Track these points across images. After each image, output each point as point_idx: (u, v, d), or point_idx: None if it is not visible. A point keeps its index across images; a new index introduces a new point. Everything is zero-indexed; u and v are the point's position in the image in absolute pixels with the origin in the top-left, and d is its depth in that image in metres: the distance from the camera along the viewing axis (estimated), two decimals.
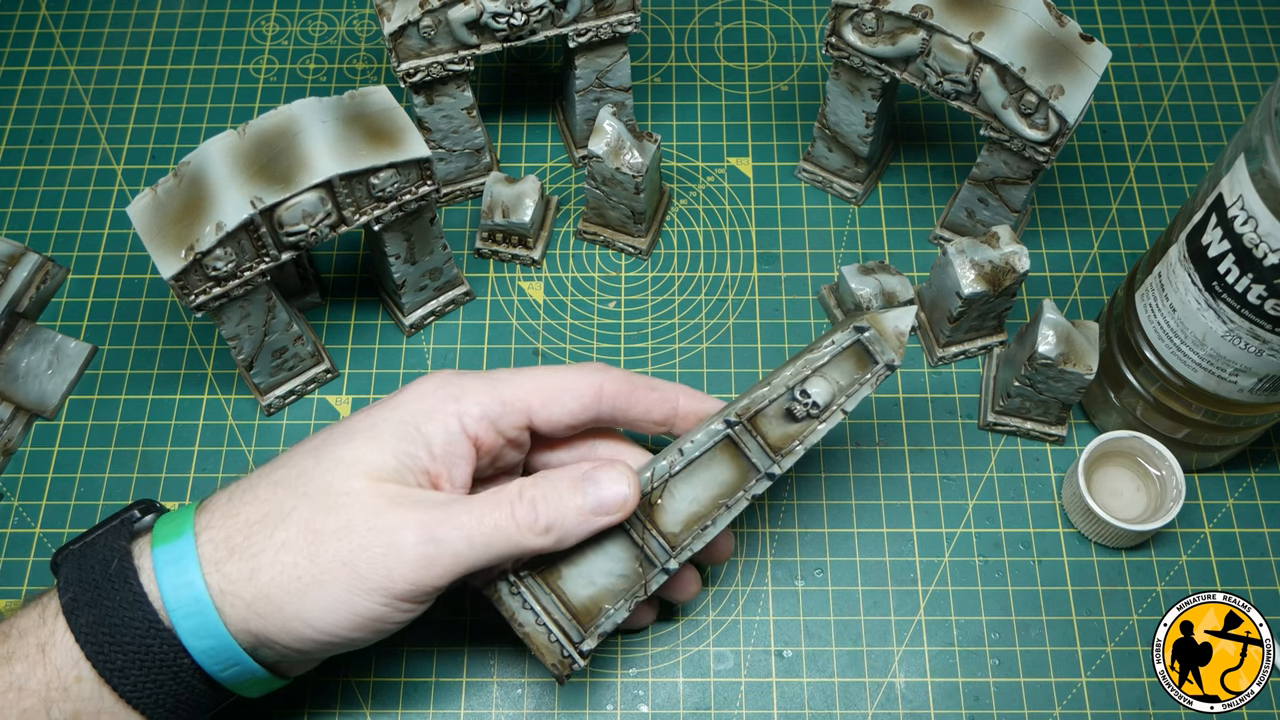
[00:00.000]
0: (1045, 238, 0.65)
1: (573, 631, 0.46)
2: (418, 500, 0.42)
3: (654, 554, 0.45)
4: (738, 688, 0.54)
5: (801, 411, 0.45)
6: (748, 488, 0.46)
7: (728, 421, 0.45)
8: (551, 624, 0.45)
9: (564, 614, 0.46)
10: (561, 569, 0.46)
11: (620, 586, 0.46)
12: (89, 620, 0.41)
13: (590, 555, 0.46)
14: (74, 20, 0.73)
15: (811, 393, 0.45)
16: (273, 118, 0.51)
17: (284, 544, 0.42)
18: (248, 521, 0.42)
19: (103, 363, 0.62)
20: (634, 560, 0.46)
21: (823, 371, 0.46)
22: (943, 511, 0.58)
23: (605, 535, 0.45)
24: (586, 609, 0.46)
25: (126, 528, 0.44)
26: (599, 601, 0.46)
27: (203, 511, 0.43)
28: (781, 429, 0.46)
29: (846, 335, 0.46)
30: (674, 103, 0.70)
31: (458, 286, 0.63)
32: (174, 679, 0.42)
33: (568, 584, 0.46)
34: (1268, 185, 0.43)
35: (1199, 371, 0.51)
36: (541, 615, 0.45)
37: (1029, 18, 0.53)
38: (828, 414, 0.46)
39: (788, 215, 0.66)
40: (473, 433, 0.45)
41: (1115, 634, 0.55)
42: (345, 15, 0.73)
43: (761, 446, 0.46)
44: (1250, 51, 0.71)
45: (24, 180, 0.68)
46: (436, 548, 0.41)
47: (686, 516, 0.46)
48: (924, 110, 0.69)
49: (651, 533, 0.45)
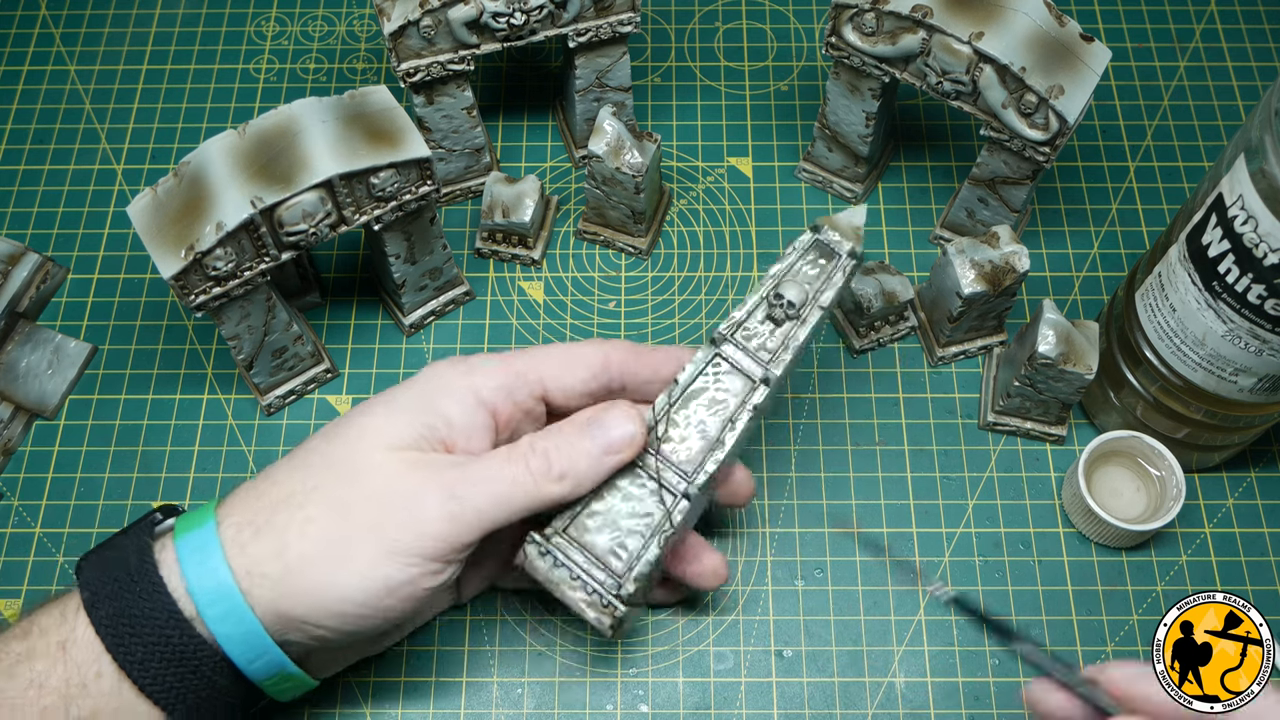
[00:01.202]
0: (1045, 238, 0.65)
1: (609, 580, 0.46)
2: (436, 463, 0.43)
3: (671, 485, 0.46)
4: (738, 688, 0.54)
5: (780, 314, 0.46)
6: (747, 399, 0.46)
7: (713, 340, 0.46)
8: (587, 577, 0.45)
9: (597, 564, 0.46)
10: (585, 522, 0.46)
11: (645, 526, 0.46)
12: (109, 612, 0.41)
13: (610, 502, 0.46)
14: (74, 20, 0.73)
15: (786, 295, 0.46)
16: (273, 118, 0.51)
17: (310, 517, 0.42)
18: (271, 502, 0.43)
19: (103, 363, 0.62)
20: (653, 497, 0.46)
21: (791, 276, 0.47)
22: (943, 511, 0.58)
23: (621, 479, 0.46)
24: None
25: (148, 528, 0.44)
26: (628, 546, 0.46)
27: (224, 503, 0.44)
28: (762, 335, 0.47)
29: (805, 239, 0.47)
30: (674, 103, 0.70)
31: (458, 286, 0.63)
32: (194, 673, 0.41)
33: (594, 536, 0.46)
34: (1268, 185, 0.43)
35: (1199, 371, 0.51)
36: (575, 570, 0.45)
37: (1029, 18, 0.53)
38: (806, 312, 0.47)
39: (788, 215, 0.66)
40: (490, 403, 0.45)
41: (1115, 634, 0.55)
42: (345, 15, 0.73)
43: (752, 357, 0.46)
44: (1250, 51, 0.71)
45: (24, 180, 0.68)
46: (459, 504, 0.42)
47: (696, 444, 0.46)
48: (924, 110, 0.69)
49: (666, 466, 0.46)
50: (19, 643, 0.42)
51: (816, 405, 0.60)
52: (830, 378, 0.61)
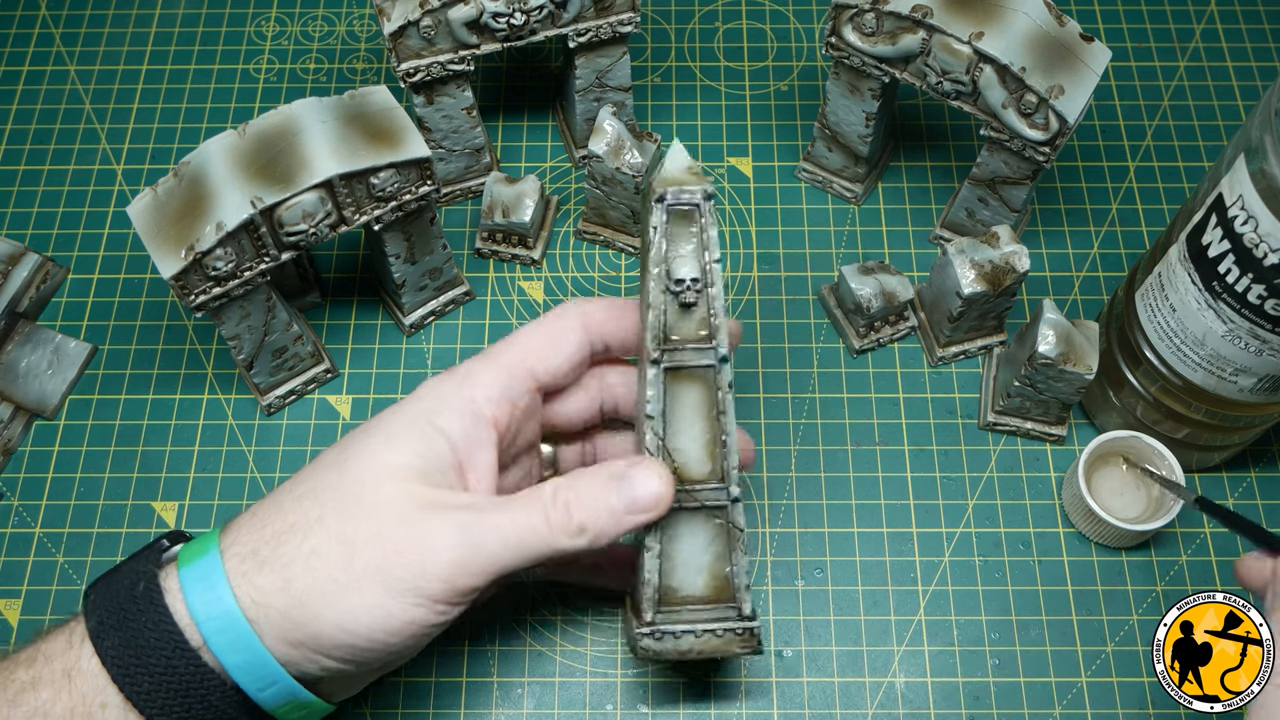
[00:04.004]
0: (1045, 238, 0.65)
1: (729, 613, 0.46)
2: (449, 504, 0.42)
3: (715, 500, 0.45)
4: (738, 688, 0.54)
5: (691, 296, 0.44)
6: (717, 384, 0.45)
7: (655, 361, 0.44)
8: (710, 625, 0.45)
9: (709, 609, 0.46)
10: (671, 586, 0.46)
11: (721, 548, 0.46)
12: (115, 643, 0.40)
13: (678, 549, 0.45)
14: (74, 20, 0.73)
15: (680, 274, 0.44)
16: (273, 118, 0.51)
17: (315, 551, 0.41)
18: (275, 532, 0.42)
19: (103, 363, 0.62)
20: (708, 521, 0.45)
21: (669, 257, 0.44)
22: (943, 511, 0.58)
23: (670, 527, 0.45)
24: (719, 587, 0.46)
25: (154, 555, 0.43)
26: (718, 575, 0.46)
27: (227, 531, 0.43)
28: (690, 324, 0.45)
29: (657, 212, 0.44)
30: (674, 103, 0.70)
31: (458, 286, 0.63)
32: (201, 702, 0.40)
33: (684, 588, 0.46)
34: (1268, 185, 0.43)
35: (1199, 371, 0.51)
36: (697, 629, 0.46)
37: (1029, 18, 0.53)
38: (709, 277, 0.44)
39: (788, 215, 0.66)
40: (489, 416, 0.44)
41: (1115, 634, 0.55)
42: (345, 15, 0.73)
43: (695, 349, 0.44)
44: (1250, 51, 0.71)
45: (24, 180, 0.68)
46: (470, 551, 0.41)
47: (702, 453, 0.45)
48: (924, 110, 0.69)
49: (693, 491, 0.45)
50: (25, 670, 0.41)
51: (816, 405, 0.60)
52: (830, 378, 0.61)
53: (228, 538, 0.42)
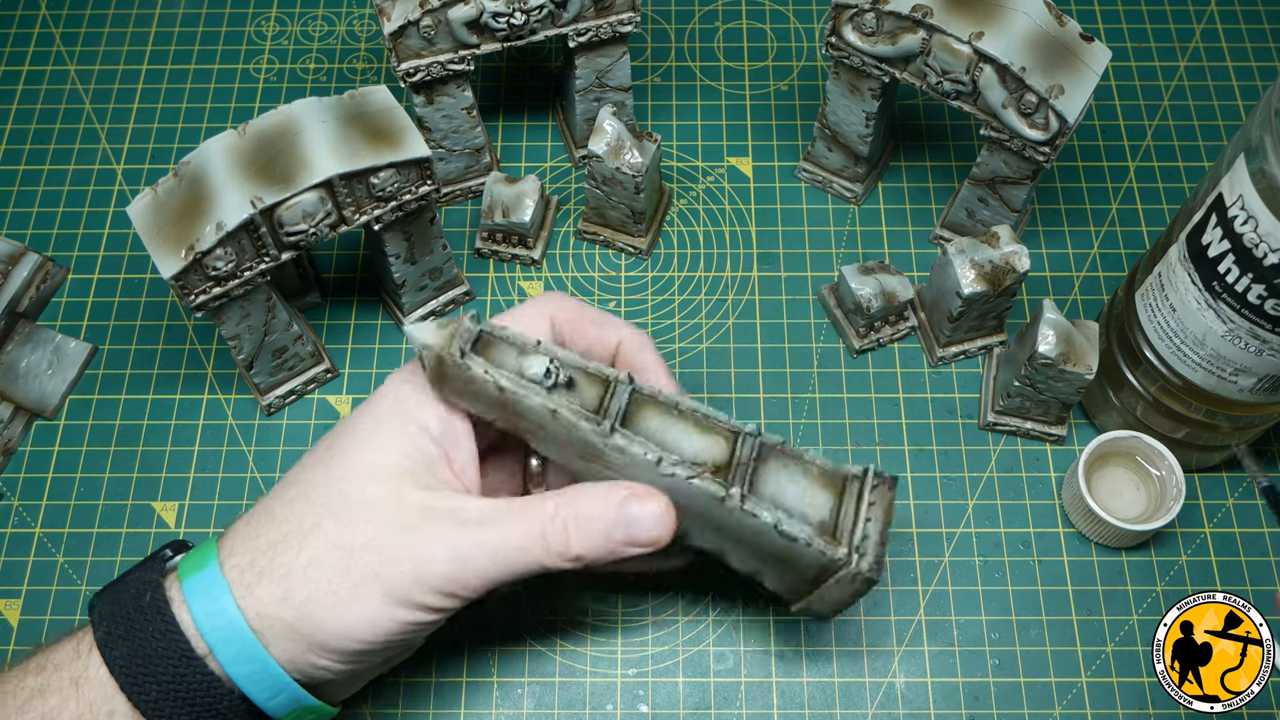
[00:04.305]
0: (1045, 238, 0.65)
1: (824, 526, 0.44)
2: (441, 508, 0.42)
3: (755, 439, 0.44)
4: (738, 688, 0.54)
5: (563, 375, 0.43)
6: (651, 394, 0.44)
7: (609, 433, 0.43)
8: (820, 545, 0.43)
9: (815, 529, 0.44)
10: (776, 531, 0.43)
11: (811, 472, 0.45)
12: (123, 652, 0.40)
13: (778, 487, 0.44)
14: (74, 20, 0.73)
15: (527, 370, 0.43)
16: (273, 118, 0.51)
17: (312, 561, 0.41)
18: (270, 542, 0.42)
19: (103, 363, 0.62)
20: (788, 465, 0.44)
21: (516, 371, 0.43)
22: (943, 511, 0.58)
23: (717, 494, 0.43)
24: (832, 522, 0.44)
25: (159, 565, 0.43)
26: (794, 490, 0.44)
27: (224, 540, 0.43)
28: (590, 390, 0.44)
29: (475, 365, 0.43)
30: (674, 103, 0.70)
31: (458, 286, 0.63)
32: (209, 710, 0.41)
33: (782, 511, 0.43)
34: (1268, 185, 0.43)
35: (1199, 371, 0.51)
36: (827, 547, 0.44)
37: (1029, 17, 0.53)
38: (537, 351, 0.44)
39: (788, 215, 0.66)
40: (460, 406, 0.44)
41: (1115, 634, 0.55)
42: (345, 15, 0.73)
43: (618, 392, 0.44)
44: (1250, 51, 0.71)
45: (24, 180, 0.68)
46: (462, 565, 0.41)
47: (704, 441, 0.44)
48: (924, 110, 0.69)
49: (740, 464, 0.43)
50: (33, 677, 0.41)
51: (816, 405, 0.60)
52: (830, 378, 0.61)
53: (225, 547, 0.43)
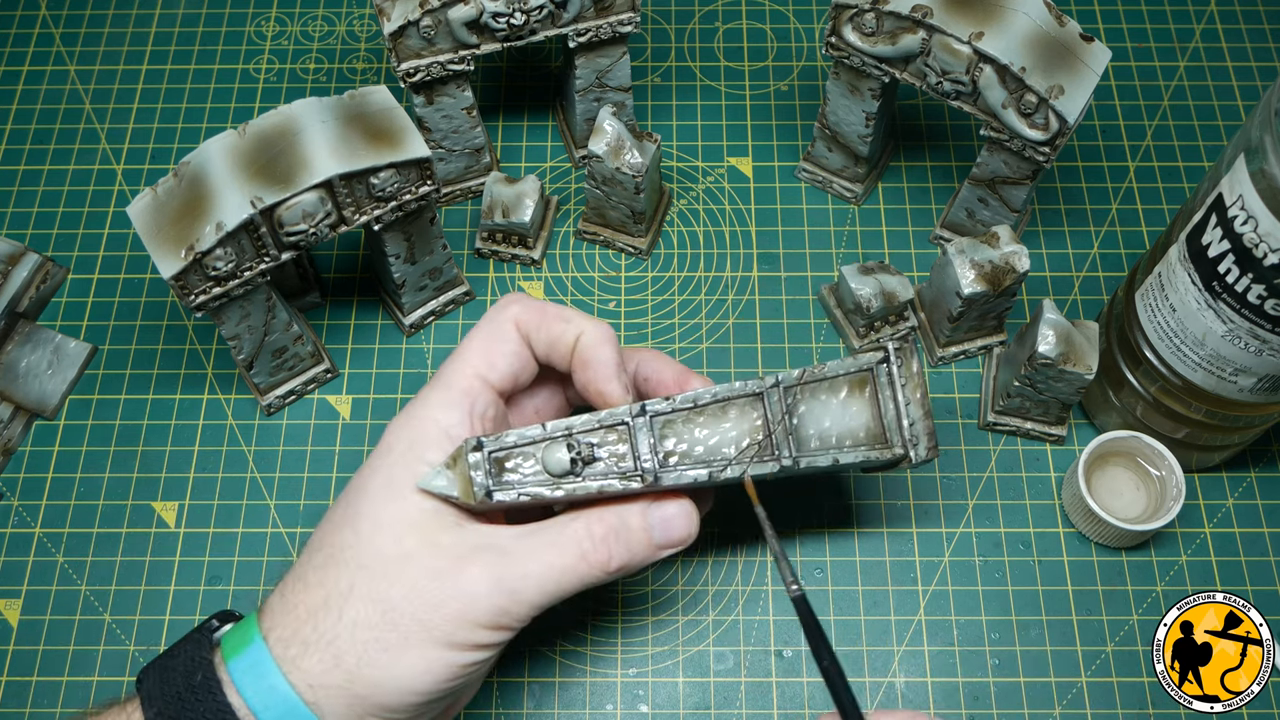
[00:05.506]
0: (1045, 238, 0.65)
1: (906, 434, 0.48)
2: (473, 545, 0.42)
3: (758, 394, 0.45)
4: (738, 688, 0.54)
5: (584, 451, 0.43)
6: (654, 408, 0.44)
7: (650, 481, 0.43)
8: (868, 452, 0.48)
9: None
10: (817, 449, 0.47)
11: (839, 389, 0.48)
12: None
13: (817, 424, 0.47)
14: (74, 20, 0.73)
15: (552, 466, 0.43)
16: (273, 118, 0.51)
17: (356, 621, 0.41)
18: (309, 611, 0.41)
19: (103, 363, 0.62)
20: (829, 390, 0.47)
21: (527, 490, 0.43)
22: (943, 511, 0.58)
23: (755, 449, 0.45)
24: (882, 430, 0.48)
25: (206, 638, 0.43)
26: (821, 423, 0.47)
27: (263, 616, 0.42)
28: (614, 441, 0.44)
29: (501, 495, 0.43)
30: (674, 103, 0.70)
31: (458, 286, 0.63)
32: None
33: (824, 430, 0.47)
34: (1268, 185, 0.43)
35: (1199, 371, 0.51)
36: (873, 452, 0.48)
37: (1029, 18, 0.53)
38: (550, 436, 0.43)
39: (788, 215, 0.66)
40: (464, 438, 0.44)
41: (1115, 634, 0.55)
42: (345, 15, 0.73)
43: (632, 426, 0.44)
44: (1250, 51, 0.71)
45: (24, 180, 0.68)
46: (509, 598, 0.41)
47: (730, 426, 0.45)
48: (924, 110, 0.69)
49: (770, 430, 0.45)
50: None
51: None
52: None
53: (265, 622, 0.42)
